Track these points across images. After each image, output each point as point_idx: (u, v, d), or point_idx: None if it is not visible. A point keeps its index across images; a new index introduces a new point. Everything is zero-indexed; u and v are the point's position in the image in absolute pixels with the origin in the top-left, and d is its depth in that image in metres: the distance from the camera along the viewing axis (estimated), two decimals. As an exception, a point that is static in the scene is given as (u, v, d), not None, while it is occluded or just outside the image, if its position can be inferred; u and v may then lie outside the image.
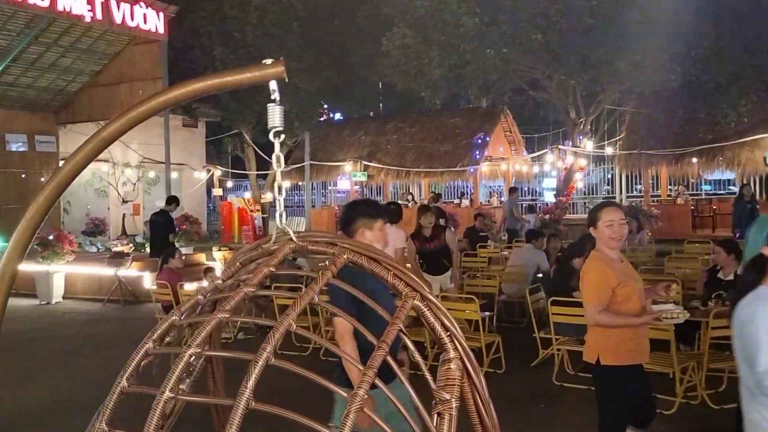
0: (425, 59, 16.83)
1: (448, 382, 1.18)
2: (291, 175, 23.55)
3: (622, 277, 3.71)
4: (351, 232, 3.40)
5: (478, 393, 1.26)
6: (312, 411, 1.09)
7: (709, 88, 16.10)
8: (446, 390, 1.16)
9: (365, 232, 3.38)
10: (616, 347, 3.71)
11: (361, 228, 3.38)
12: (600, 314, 3.69)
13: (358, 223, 3.40)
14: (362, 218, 3.40)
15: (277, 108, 1.37)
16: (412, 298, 1.28)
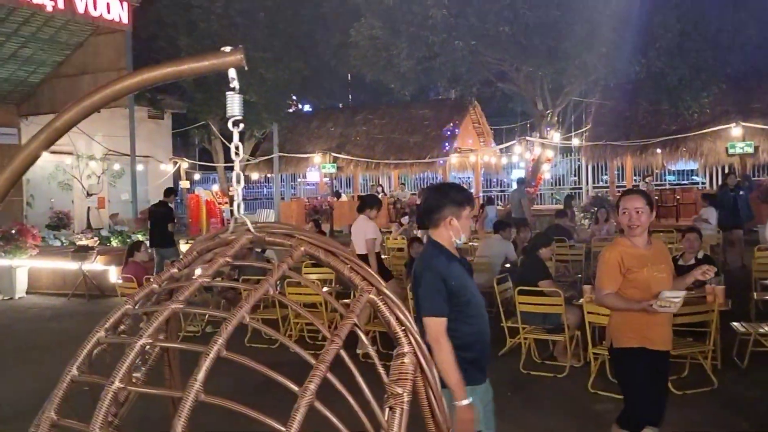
0: (394, 50, 16.83)
1: (401, 376, 1.19)
2: (259, 167, 23.40)
3: (635, 264, 3.70)
4: (436, 221, 3.14)
5: (431, 387, 1.27)
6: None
7: (673, 80, 16.37)
8: (399, 384, 1.17)
9: (452, 221, 3.11)
10: (627, 329, 3.75)
11: (450, 216, 3.11)
12: (605, 296, 3.77)
13: (446, 211, 3.12)
14: (451, 206, 3.13)
15: (236, 96, 1.36)
16: (368, 292, 1.28)
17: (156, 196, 19.89)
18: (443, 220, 3.13)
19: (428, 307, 3.00)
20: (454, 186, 3.53)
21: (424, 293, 3.04)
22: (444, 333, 2.96)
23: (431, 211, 3.17)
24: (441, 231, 3.14)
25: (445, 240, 3.14)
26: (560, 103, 20.11)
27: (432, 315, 2.99)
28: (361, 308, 1.27)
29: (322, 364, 1.12)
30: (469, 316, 3.07)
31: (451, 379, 2.91)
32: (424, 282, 3.05)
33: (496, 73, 18.99)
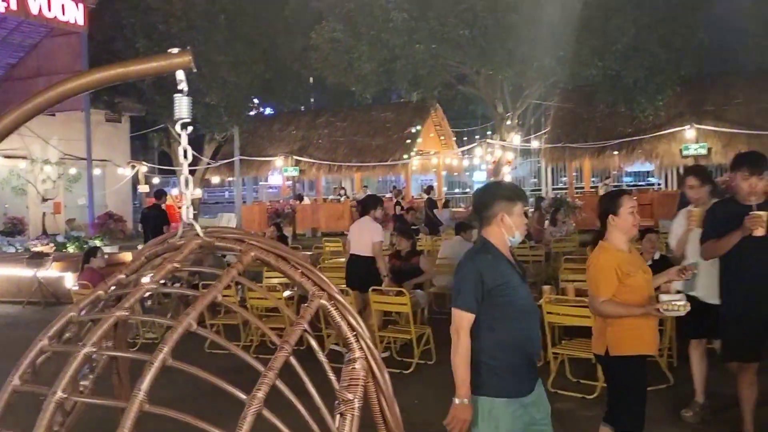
0: (355, 53, 16.84)
1: (351, 382, 1.19)
2: (220, 170, 23.16)
3: (631, 268, 3.60)
4: (488, 218, 3.05)
5: (383, 392, 1.27)
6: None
7: (628, 83, 16.71)
8: (349, 390, 1.17)
9: (505, 218, 3.01)
10: (625, 337, 3.60)
11: (501, 213, 3.01)
12: (603, 304, 3.60)
13: (496, 208, 3.03)
14: (501, 201, 3.04)
15: (184, 99, 1.34)
16: (319, 298, 1.28)
17: (113, 201, 19.58)
18: (495, 218, 3.02)
19: (458, 298, 2.98)
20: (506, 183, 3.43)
21: (457, 283, 3.02)
22: (465, 328, 2.92)
23: (482, 208, 3.08)
24: (493, 229, 3.04)
25: (498, 239, 3.04)
26: (520, 106, 20.37)
27: (458, 307, 2.96)
28: (313, 313, 1.27)
29: (271, 371, 1.11)
30: (509, 318, 2.97)
31: (457, 375, 2.89)
32: (461, 273, 3.02)
33: (457, 75, 19.14)
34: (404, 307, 6.79)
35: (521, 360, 2.99)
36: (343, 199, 22.73)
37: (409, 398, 5.87)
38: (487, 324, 2.94)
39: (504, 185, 3.35)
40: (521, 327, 3.00)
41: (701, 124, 17.64)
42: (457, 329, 2.93)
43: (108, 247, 12.76)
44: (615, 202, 3.69)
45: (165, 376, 1.09)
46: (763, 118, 17.56)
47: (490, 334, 2.93)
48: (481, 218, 3.09)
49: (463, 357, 2.89)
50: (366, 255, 7.29)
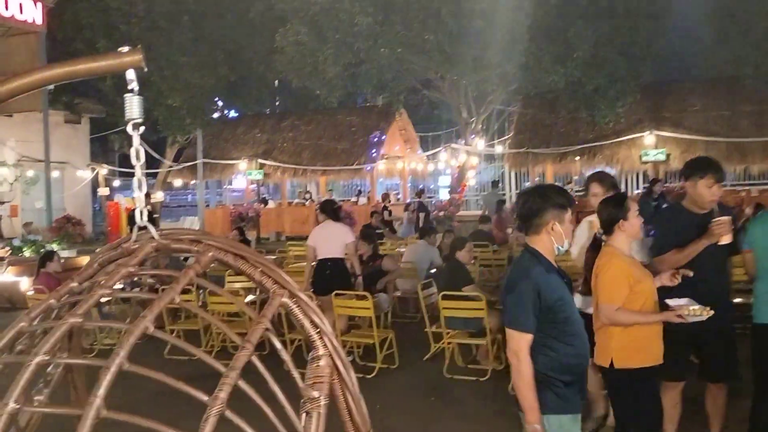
0: (320, 57, 16.82)
1: (316, 379, 1.18)
2: (183, 173, 22.87)
3: (640, 274, 3.48)
4: (537, 226, 2.89)
5: (348, 389, 1.27)
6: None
7: (589, 89, 17.01)
8: (314, 388, 1.16)
9: (556, 226, 2.87)
10: (633, 348, 3.43)
11: (552, 221, 2.87)
12: (617, 312, 3.40)
13: (548, 215, 2.87)
14: (553, 209, 2.88)
15: (135, 98, 1.31)
16: (281, 296, 1.27)
17: (72, 204, 19.17)
18: (545, 226, 2.88)
19: (514, 318, 2.81)
20: (554, 187, 3.31)
21: (513, 302, 2.82)
22: (525, 349, 2.76)
23: (531, 216, 2.91)
24: (542, 238, 2.90)
25: (546, 248, 2.90)
26: (484, 111, 20.56)
27: (515, 328, 2.79)
28: (273, 312, 1.26)
29: (232, 371, 1.10)
30: (568, 335, 2.83)
31: (526, 400, 2.73)
32: (517, 290, 2.82)
33: (422, 80, 19.26)
34: (367, 311, 6.78)
35: (578, 375, 2.88)
36: (309, 203, 22.63)
37: (371, 403, 5.83)
38: (544, 342, 2.79)
39: (554, 190, 3.05)
40: (578, 343, 2.87)
41: (660, 130, 18.03)
42: (516, 352, 2.77)
43: (66, 251, 12.50)
44: (623, 206, 3.55)
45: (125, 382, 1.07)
46: (719, 125, 18.03)
47: (550, 352, 2.79)
48: (529, 225, 2.92)
49: (528, 381, 2.74)
50: (338, 257, 7.29)
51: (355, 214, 19.44)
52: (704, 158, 4.81)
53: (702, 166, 4.17)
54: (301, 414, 1.14)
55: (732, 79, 17.78)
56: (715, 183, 4.05)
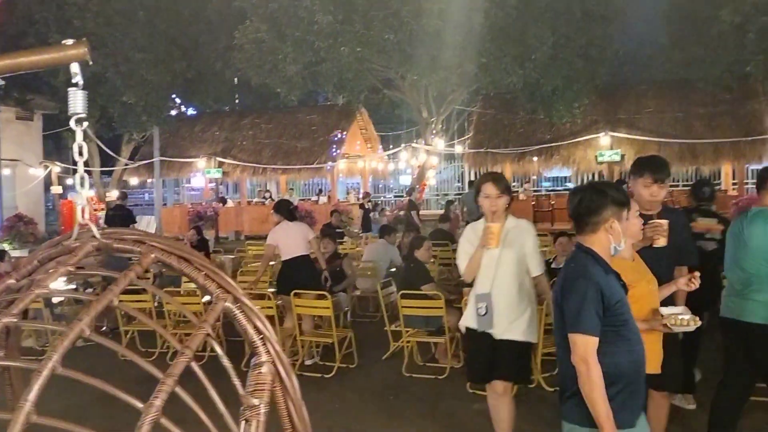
0: (280, 54, 16.69)
1: (257, 386, 1.16)
2: (139, 171, 22.48)
3: (634, 277, 3.22)
4: (595, 224, 2.70)
5: (290, 397, 1.25)
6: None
7: (547, 91, 17.25)
8: (255, 395, 1.14)
9: (615, 224, 2.70)
10: None
11: (611, 219, 2.69)
12: None
13: (607, 213, 2.69)
14: (612, 207, 2.70)
15: (79, 93, 1.27)
16: (224, 300, 1.24)
17: (24, 203, 18.66)
18: (603, 224, 2.70)
19: (579, 321, 2.57)
20: (611, 184, 3.14)
21: (575, 304, 2.59)
22: (594, 354, 2.53)
23: (589, 213, 2.72)
24: (599, 237, 2.72)
25: (603, 247, 2.72)
26: (444, 111, 20.68)
27: (582, 331, 2.56)
28: (216, 316, 1.24)
29: (170, 377, 1.07)
30: (627, 340, 2.65)
31: (601, 410, 2.49)
32: (577, 291, 2.61)
33: (383, 80, 19.27)
34: (326, 310, 6.76)
35: (635, 385, 2.68)
36: (268, 202, 22.46)
37: (330, 403, 5.84)
38: (602, 348, 2.58)
39: (613, 186, 2.86)
40: (636, 349, 2.70)
41: (615, 131, 18.39)
42: (584, 358, 2.53)
43: (17, 251, 12.17)
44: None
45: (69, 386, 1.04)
46: (673, 127, 18.47)
47: (606, 359, 2.57)
48: (585, 224, 2.74)
49: (601, 389, 2.51)
50: (305, 254, 7.31)
51: (316, 213, 19.38)
52: (646, 157, 4.63)
53: (640, 166, 4.03)
54: (240, 421, 1.12)
55: (685, 82, 18.23)
56: (653, 183, 3.89)
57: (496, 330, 4.20)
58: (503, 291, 4.20)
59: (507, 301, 4.20)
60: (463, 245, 4.44)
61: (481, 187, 4.28)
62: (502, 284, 4.20)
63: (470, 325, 4.33)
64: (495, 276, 4.21)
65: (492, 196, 4.18)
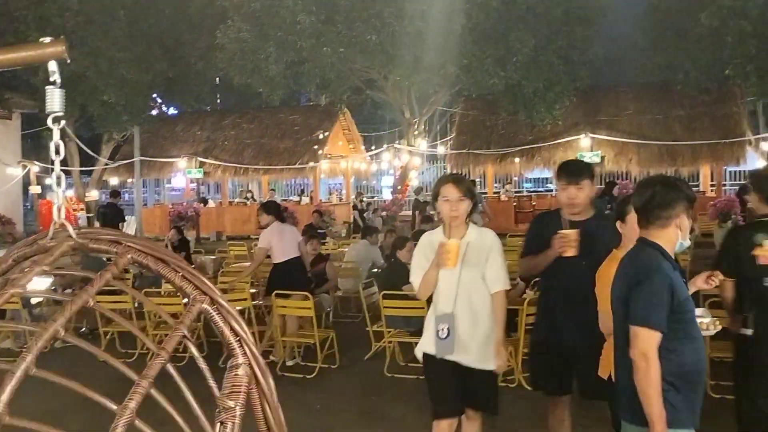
0: (262, 54, 16.63)
1: (233, 389, 1.16)
2: (119, 171, 22.29)
3: None
4: (666, 219, 2.62)
5: (266, 399, 1.25)
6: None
7: (528, 92, 17.36)
8: (231, 397, 1.14)
9: (684, 219, 2.65)
10: None
11: (682, 214, 2.63)
12: None
13: (679, 207, 2.62)
14: (684, 202, 2.64)
15: (56, 91, 1.26)
16: (201, 302, 1.24)
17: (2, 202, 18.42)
18: (675, 219, 2.62)
19: (646, 315, 2.51)
20: (680, 179, 3.08)
21: (645, 298, 2.52)
22: (655, 350, 2.47)
23: (662, 207, 2.62)
24: (668, 232, 2.64)
25: (669, 243, 2.65)
26: (426, 112, 20.73)
27: (648, 325, 2.49)
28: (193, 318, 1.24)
29: (144, 379, 1.07)
30: (693, 338, 2.60)
31: (654, 408, 2.43)
32: (648, 285, 2.53)
33: (365, 80, 19.27)
34: (308, 311, 6.75)
35: (698, 385, 2.63)
36: (250, 203, 22.38)
37: (311, 403, 5.84)
38: (668, 345, 2.52)
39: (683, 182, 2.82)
40: (700, 348, 2.64)
41: (595, 133, 18.55)
42: (644, 352, 2.47)
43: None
44: (626, 207, 3.27)
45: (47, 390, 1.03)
46: (652, 129, 18.68)
47: (671, 356, 2.52)
48: (655, 218, 2.64)
49: (657, 386, 2.46)
50: (297, 256, 7.33)
51: (298, 213, 19.32)
52: (567, 161, 4.55)
53: (557, 170, 3.95)
54: (216, 423, 1.12)
55: (664, 84, 18.44)
56: (568, 185, 3.75)
57: (463, 357, 3.64)
58: (467, 312, 3.65)
59: (473, 324, 3.65)
60: (417, 258, 3.83)
61: (440, 190, 3.74)
62: (465, 304, 3.65)
63: (428, 351, 3.74)
64: (457, 295, 3.65)
65: (452, 198, 3.65)
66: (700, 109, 18.50)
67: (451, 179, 3.84)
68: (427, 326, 3.81)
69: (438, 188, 3.79)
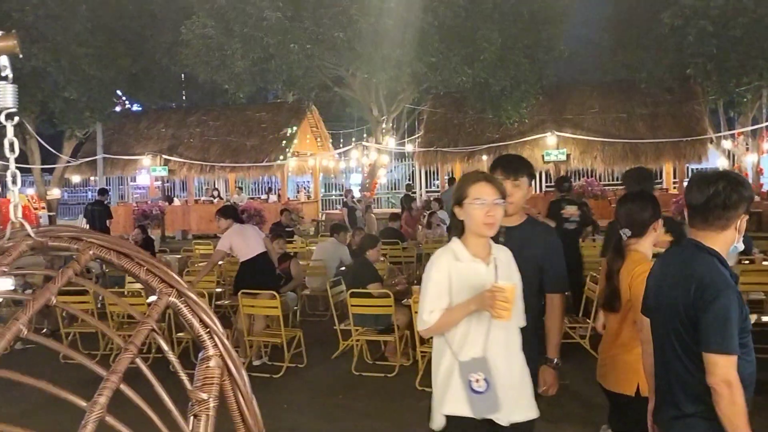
0: (228, 51, 16.44)
1: (206, 381, 1.13)
2: (81, 169, 21.88)
3: None
4: (727, 220, 2.35)
5: (240, 390, 1.23)
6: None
7: (496, 90, 17.47)
8: (204, 390, 1.12)
9: (743, 221, 2.41)
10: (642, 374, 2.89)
11: (743, 215, 2.40)
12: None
13: (741, 209, 2.38)
14: (747, 203, 2.38)
15: (8, 86, 1.23)
16: (168, 295, 1.21)
17: (-41, 201, 17.93)
18: (736, 221, 2.38)
19: (722, 342, 2.24)
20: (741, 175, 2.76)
21: (720, 319, 2.24)
22: (736, 374, 2.23)
23: (725, 207, 2.35)
24: (726, 234, 2.39)
25: (725, 246, 2.41)
26: (395, 110, 20.72)
27: (725, 351, 2.23)
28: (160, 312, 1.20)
29: (114, 374, 1.04)
30: (749, 350, 2.35)
31: None
32: (719, 307, 2.25)
33: (333, 77, 19.19)
34: (275, 310, 6.70)
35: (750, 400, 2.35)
36: (217, 201, 22.14)
37: (278, 403, 5.80)
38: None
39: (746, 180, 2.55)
40: (753, 361, 2.40)
41: (561, 131, 18.77)
42: (727, 380, 2.21)
43: (-50, 251, 11.70)
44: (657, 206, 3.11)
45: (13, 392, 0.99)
46: (616, 127, 18.95)
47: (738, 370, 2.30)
48: (716, 218, 2.38)
49: (745, 413, 2.21)
50: (264, 251, 7.23)
51: (266, 212, 19.19)
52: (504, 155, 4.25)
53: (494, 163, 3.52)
54: (189, 417, 1.09)
55: (628, 83, 18.73)
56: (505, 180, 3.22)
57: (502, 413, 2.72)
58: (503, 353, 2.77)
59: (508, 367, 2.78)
60: (434, 278, 2.79)
61: (468, 191, 2.76)
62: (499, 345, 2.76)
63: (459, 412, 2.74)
64: (489, 331, 2.73)
65: (488, 200, 2.72)
66: (662, 108, 18.82)
67: (483, 177, 2.84)
68: (444, 381, 2.81)
69: (465, 189, 2.79)
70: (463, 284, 2.74)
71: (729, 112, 20.71)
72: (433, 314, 2.74)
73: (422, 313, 2.78)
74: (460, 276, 2.74)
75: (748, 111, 19.04)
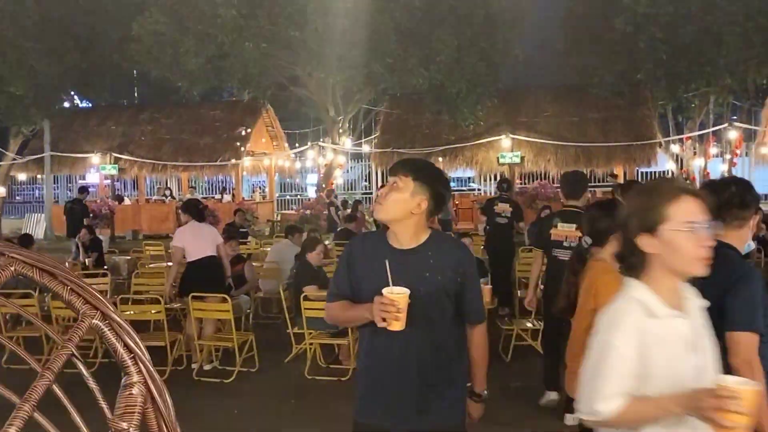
0: (181, 48, 16.16)
1: (127, 410, 1.07)
2: (28, 167, 21.22)
3: None
4: (743, 219, 2.55)
5: (163, 418, 1.17)
6: None
7: (452, 93, 17.56)
8: (124, 419, 1.05)
9: (756, 220, 2.60)
10: None
11: (755, 215, 2.58)
12: None
13: (754, 206, 2.59)
14: (756, 203, 2.62)
15: None
16: (91, 317, 1.14)
17: None
18: (750, 220, 2.56)
19: (745, 319, 2.35)
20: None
21: (747, 301, 2.37)
22: (758, 355, 2.34)
23: (742, 207, 2.54)
24: (742, 233, 2.57)
25: (741, 243, 2.58)
26: (351, 110, 20.67)
27: (751, 329, 2.35)
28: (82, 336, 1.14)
29: (27, 402, 0.97)
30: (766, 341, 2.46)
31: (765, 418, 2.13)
32: (745, 289, 2.39)
33: (289, 77, 19.03)
34: (226, 313, 6.57)
35: None
36: (169, 200, 21.73)
37: (229, 408, 5.69)
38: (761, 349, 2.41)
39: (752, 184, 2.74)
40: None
41: (515, 134, 18.96)
42: (748, 359, 2.29)
43: None
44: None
45: None
46: (569, 131, 19.25)
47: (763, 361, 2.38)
48: (733, 217, 2.54)
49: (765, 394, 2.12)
50: (212, 254, 7.04)
51: (220, 212, 18.89)
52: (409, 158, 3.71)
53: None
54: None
55: (580, 87, 19.04)
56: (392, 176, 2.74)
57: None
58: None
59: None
60: (620, 350, 1.84)
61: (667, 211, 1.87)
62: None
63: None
64: None
65: (703, 222, 1.98)
66: (613, 112, 19.20)
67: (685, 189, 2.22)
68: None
69: (663, 207, 2.08)
70: (662, 352, 1.84)
71: (677, 117, 21.29)
72: (613, 401, 1.82)
73: (592, 396, 1.87)
74: (658, 340, 1.84)
75: (695, 116, 19.59)
